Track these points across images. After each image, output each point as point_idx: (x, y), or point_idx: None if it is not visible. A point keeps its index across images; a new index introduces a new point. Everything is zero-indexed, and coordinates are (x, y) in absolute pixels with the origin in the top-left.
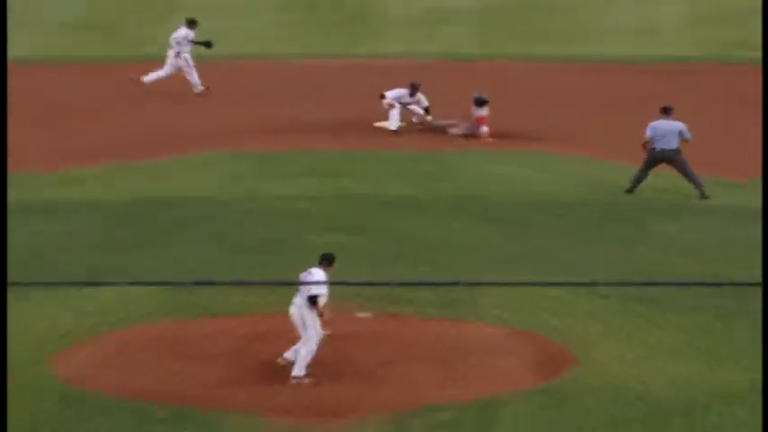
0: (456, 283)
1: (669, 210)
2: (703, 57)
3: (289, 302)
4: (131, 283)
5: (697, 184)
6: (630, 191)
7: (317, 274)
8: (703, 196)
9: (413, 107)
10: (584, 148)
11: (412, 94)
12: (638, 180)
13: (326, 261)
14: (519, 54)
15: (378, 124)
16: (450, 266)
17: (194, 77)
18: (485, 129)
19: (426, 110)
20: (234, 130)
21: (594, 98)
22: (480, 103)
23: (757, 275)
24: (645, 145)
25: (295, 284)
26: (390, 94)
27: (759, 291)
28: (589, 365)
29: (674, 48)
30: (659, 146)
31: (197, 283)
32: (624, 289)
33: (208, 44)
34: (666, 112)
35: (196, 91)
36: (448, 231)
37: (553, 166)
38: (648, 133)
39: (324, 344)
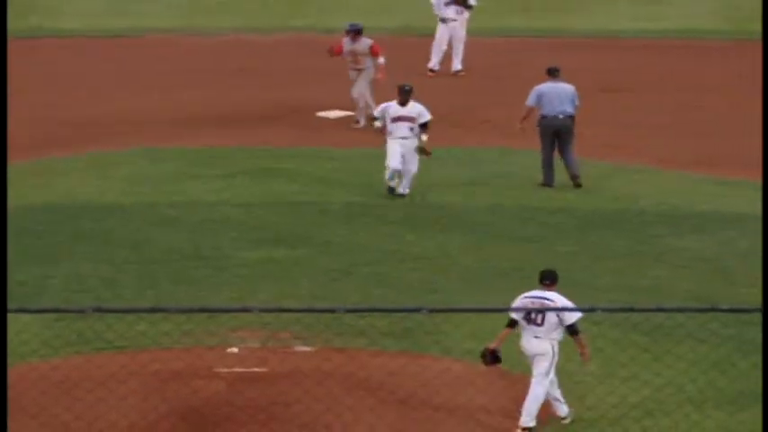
0: (417, 310)
1: (672, 217)
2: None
3: (210, 331)
4: (17, 310)
5: (569, 166)
6: (549, 184)
7: (557, 298)
8: (576, 184)
9: (406, 125)
10: None
11: (403, 103)
12: (550, 165)
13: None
14: (491, 28)
15: (323, 114)
16: (408, 287)
17: None
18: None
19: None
20: (147, 121)
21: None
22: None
23: None
24: (526, 118)
25: (225, 311)
26: (377, 112)
27: None
28: (581, 411)
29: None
30: (550, 112)
31: (99, 310)
32: (623, 315)
33: None
34: (553, 74)
35: None
36: (405, 244)
37: (523, 162)
38: (531, 101)
39: (255, 383)
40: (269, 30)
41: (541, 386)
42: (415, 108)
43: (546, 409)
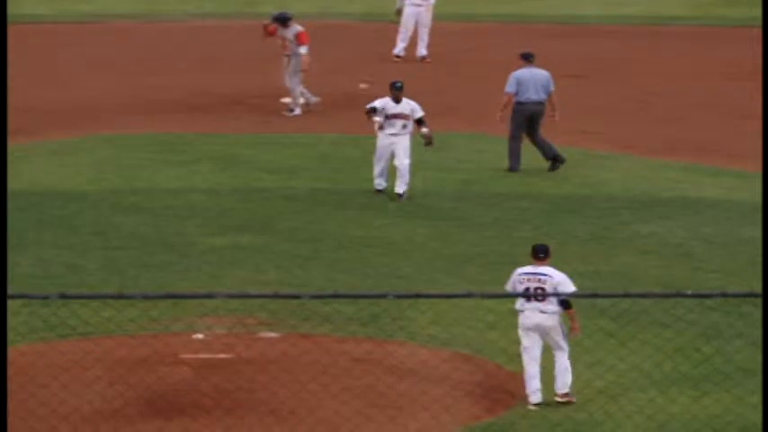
0: (382, 296)
1: (638, 203)
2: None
3: (175, 317)
4: None
5: (546, 147)
6: (515, 169)
7: (553, 272)
8: (561, 160)
9: (400, 122)
10: None
11: (397, 100)
12: (519, 151)
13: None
14: (456, 13)
15: (284, 100)
16: (373, 272)
17: None
18: None
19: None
20: (111, 107)
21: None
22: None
23: (758, 285)
24: (506, 106)
25: (190, 297)
26: (378, 106)
27: (756, 306)
28: (547, 395)
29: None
30: (528, 98)
31: (64, 297)
32: (589, 300)
33: None
34: (529, 59)
35: None
36: (370, 229)
37: (489, 148)
38: (511, 88)
39: (221, 369)
40: (233, 15)
41: (565, 355)
42: (408, 105)
43: (508, 396)
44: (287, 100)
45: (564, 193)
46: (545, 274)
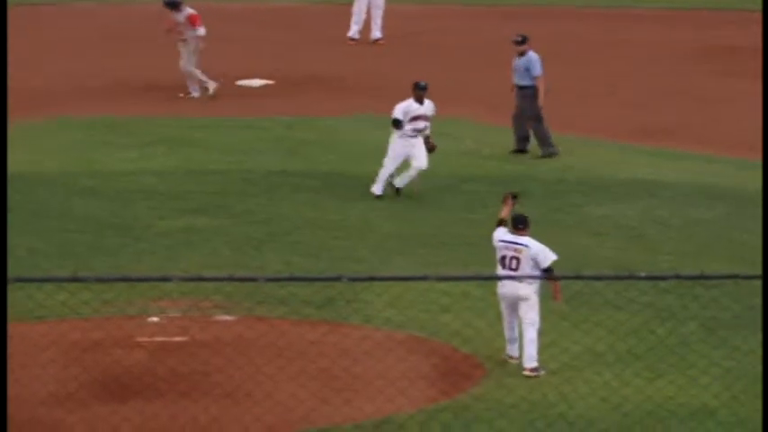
0: (337, 278)
1: (592, 185)
2: None
3: (130, 300)
4: None
5: (519, 140)
6: (555, 152)
7: (531, 243)
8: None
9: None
10: (486, 110)
11: (420, 101)
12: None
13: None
14: None
15: (243, 82)
16: (328, 255)
17: None
18: None
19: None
20: (66, 90)
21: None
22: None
23: (712, 266)
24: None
25: (145, 280)
26: (400, 114)
27: (709, 287)
28: (501, 377)
29: None
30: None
31: (19, 280)
32: (544, 283)
33: None
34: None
35: None
36: (326, 212)
37: (447, 130)
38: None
39: (176, 352)
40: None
41: (534, 328)
42: (430, 105)
43: (463, 379)
44: (204, 84)
45: (520, 175)
46: (522, 245)
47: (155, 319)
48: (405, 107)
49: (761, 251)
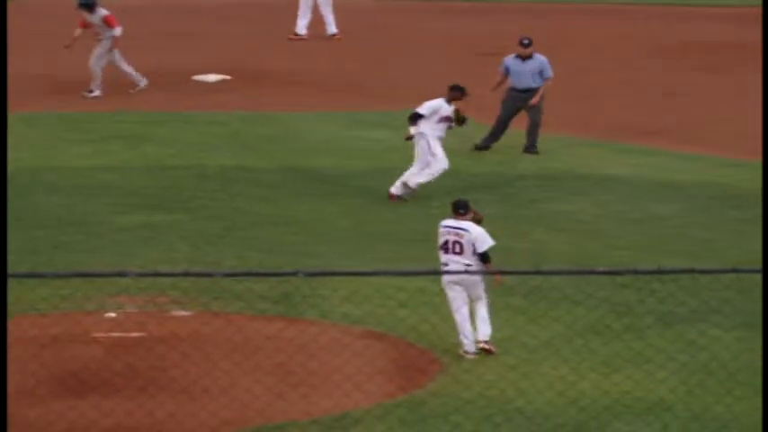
0: (294, 273)
1: (550, 180)
2: None
3: (87, 296)
4: None
5: (490, 138)
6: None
7: (472, 227)
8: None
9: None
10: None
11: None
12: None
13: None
14: None
15: (199, 77)
16: (285, 250)
17: None
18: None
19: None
20: (22, 86)
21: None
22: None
23: (668, 261)
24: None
25: (102, 276)
26: (425, 108)
27: (665, 282)
28: (457, 373)
29: None
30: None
31: None
32: (502, 277)
33: None
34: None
35: None
36: (282, 208)
37: (403, 126)
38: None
39: (133, 348)
40: None
41: (484, 306)
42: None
43: (420, 374)
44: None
45: (477, 170)
46: (463, 229)
47: (112, 314)
48: (435, 106)
49: (716, 246)
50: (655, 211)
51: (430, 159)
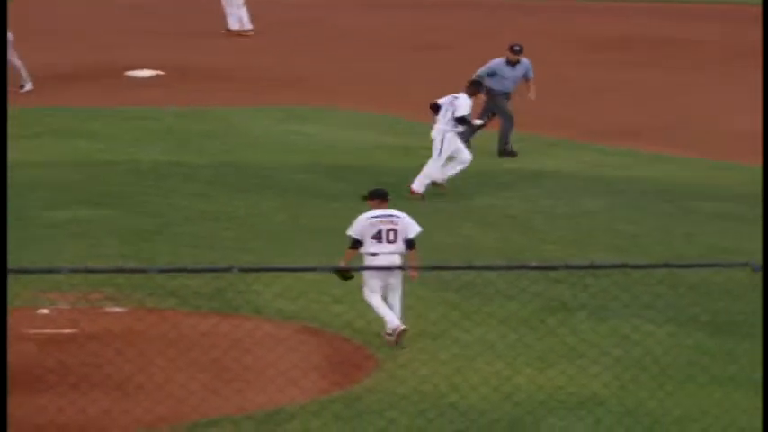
0: (228, 269)
1: (478, 175)
2: None
3: (18, 292)
4: None
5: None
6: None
7: (399, 213)
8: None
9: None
10: (369, 100)
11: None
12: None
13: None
14: None
15: (132, 73)
16: (219, 246)
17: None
18: None
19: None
20: None
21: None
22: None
23: (597, 256)
24: None
25: (34, 272)
26: (468, 108)
27: (599, 277)
28: (392, 368)
29: None
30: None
31: None
32: (435, 273)
33: None
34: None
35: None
36: (216, 203)
37: (338, 121)
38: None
39: (66, 344)
40: None
41: (398, 295)
42: None
43: (355, 369)
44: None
45: (408, 166)
46: (396, 216)
47: (44, 311)
48: (471, 104)
49: (644, 241)
50: (583, 206)
51: (454, 154)
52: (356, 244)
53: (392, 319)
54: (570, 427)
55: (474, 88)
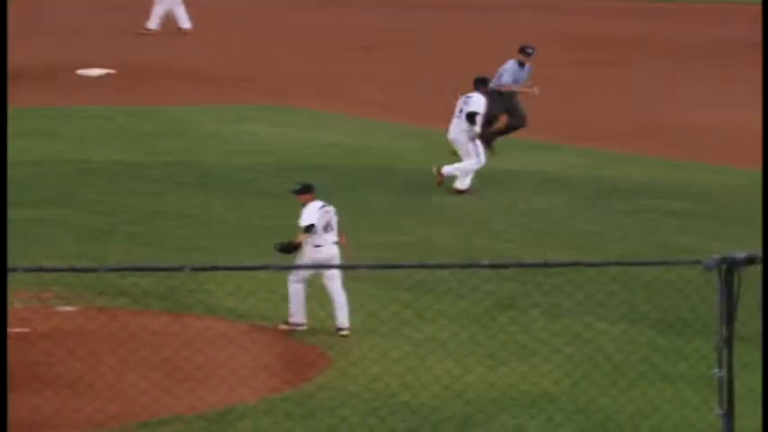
0: (179, 268)
1: (433, 174)
2: None
3: None
4: None
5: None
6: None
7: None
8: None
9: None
10: (326, 99)
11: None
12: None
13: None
14: None
15: (83, 72)
16: (171, 245)
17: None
18: None
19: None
20: None
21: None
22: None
23: (552, 254)
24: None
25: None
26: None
27: (551, 275)
28: (344, 366)
29: None
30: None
31: None
32: (385, 272)
33: None
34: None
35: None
36: (167, 202)
37: (285, 120)
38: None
39: (18, 344)
40: None
41: (342, 292)
42: None
43: (307, 368)
44: None
45: (362, 164)
46: (330, 207)
47: None
48: (485, 102)
49: (599, 239)
50: (540, 205)
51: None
52: (310, 228)
53: (297, 312)
54: (522, 425)
55: (484, 86)
